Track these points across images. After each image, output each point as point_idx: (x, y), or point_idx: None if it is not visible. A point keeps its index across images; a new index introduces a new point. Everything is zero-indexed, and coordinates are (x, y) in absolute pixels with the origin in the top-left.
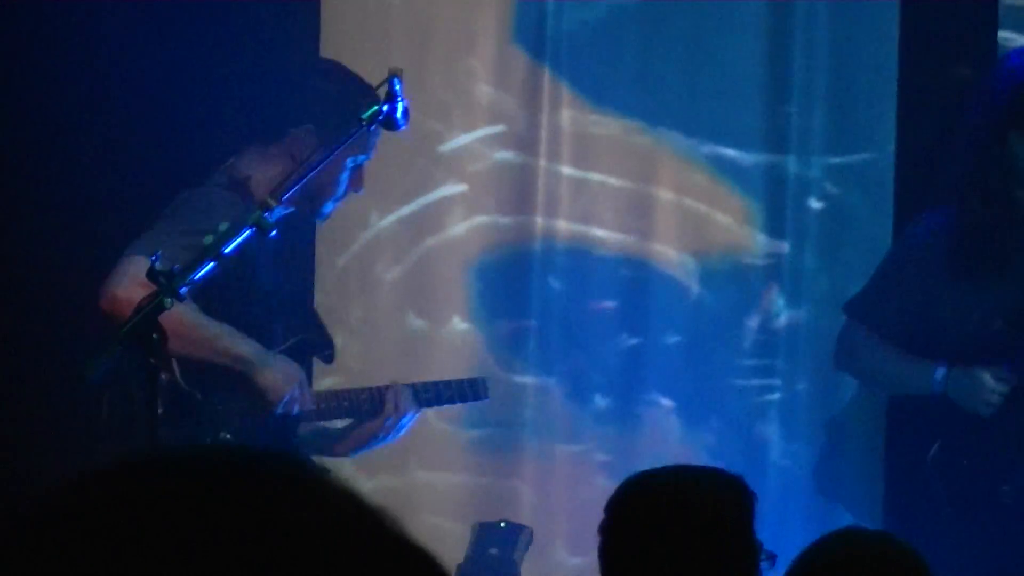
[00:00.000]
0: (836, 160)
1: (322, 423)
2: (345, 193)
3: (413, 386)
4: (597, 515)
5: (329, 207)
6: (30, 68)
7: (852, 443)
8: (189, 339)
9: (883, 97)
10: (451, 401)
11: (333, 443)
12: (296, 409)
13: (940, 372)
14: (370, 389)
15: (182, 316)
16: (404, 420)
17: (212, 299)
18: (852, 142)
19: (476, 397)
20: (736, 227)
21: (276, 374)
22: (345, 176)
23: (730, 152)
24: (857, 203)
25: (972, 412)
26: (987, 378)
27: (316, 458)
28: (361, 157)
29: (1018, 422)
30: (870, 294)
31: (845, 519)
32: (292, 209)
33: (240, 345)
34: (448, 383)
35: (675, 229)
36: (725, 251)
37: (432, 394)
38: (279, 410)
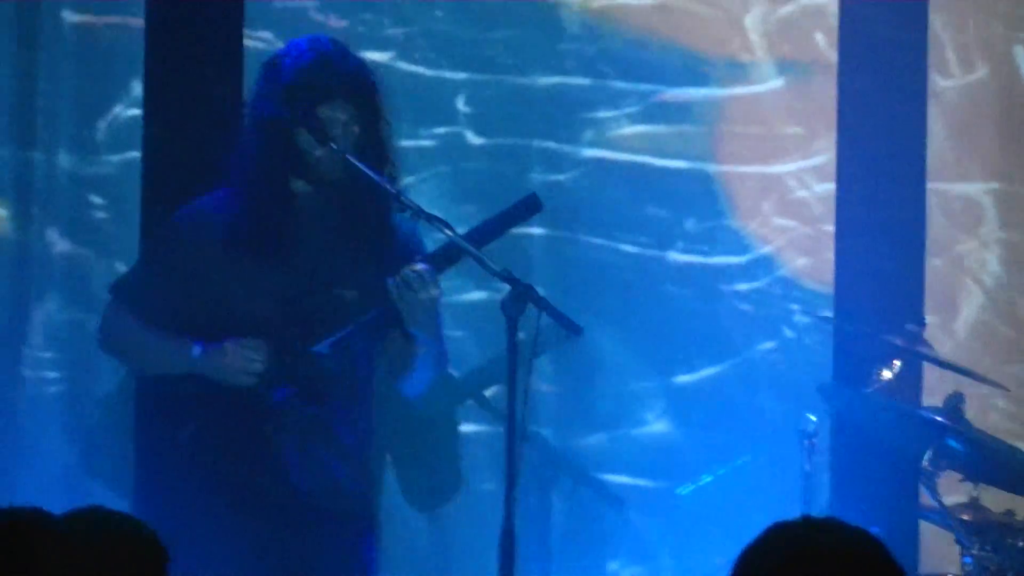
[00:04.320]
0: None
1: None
2: None
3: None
4: None
5: None
6: None
7: (109, 421)
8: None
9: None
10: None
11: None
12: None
13: (197, 349)
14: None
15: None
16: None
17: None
18: (103, 144)
19: None
20: None
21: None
22: None
23: None
24: (103, 203)
25: (233, 385)
26: (240, 349)
27: None
28: None
29: (277, 399)
30: (134, 275)
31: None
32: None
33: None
34: None
35: None
36: None
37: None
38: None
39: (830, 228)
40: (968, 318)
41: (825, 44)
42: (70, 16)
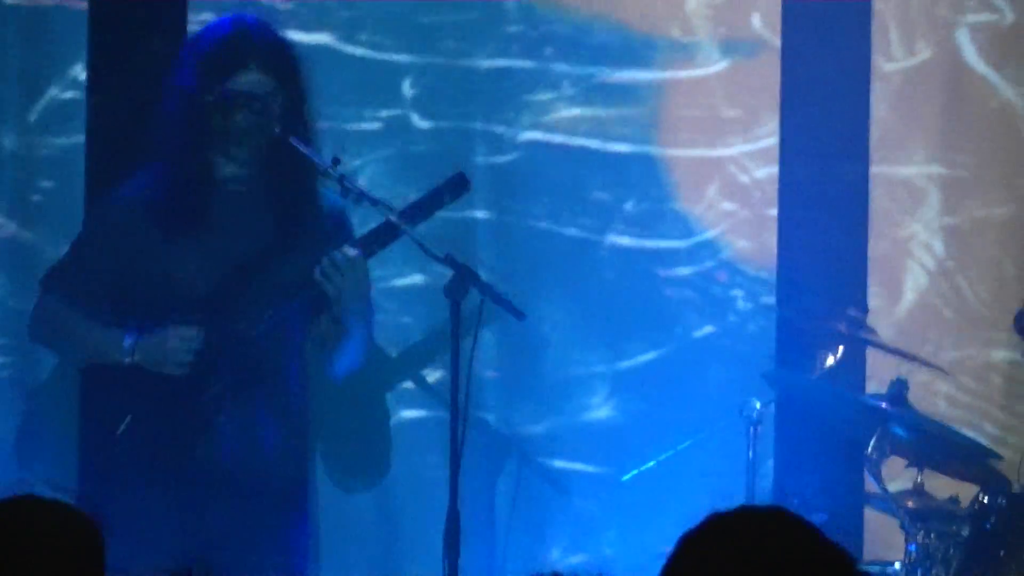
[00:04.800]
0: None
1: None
2: None
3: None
4: None
5: None
6: None
7: (50, 414)
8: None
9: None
10: None
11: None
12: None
13: (128, 340)
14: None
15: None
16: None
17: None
18: (46, 126)
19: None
20: None
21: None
22: None
23: None
24: (49, 186)
25: (167, 374)
26: (172, 337)
27: None
28: None
29: (213, 383)
30: (64, 265)
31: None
32: None
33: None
34: None
35: None
36: None
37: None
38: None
39: (774, 212)
40: (912, 302)
41: (769, 26)
42: None
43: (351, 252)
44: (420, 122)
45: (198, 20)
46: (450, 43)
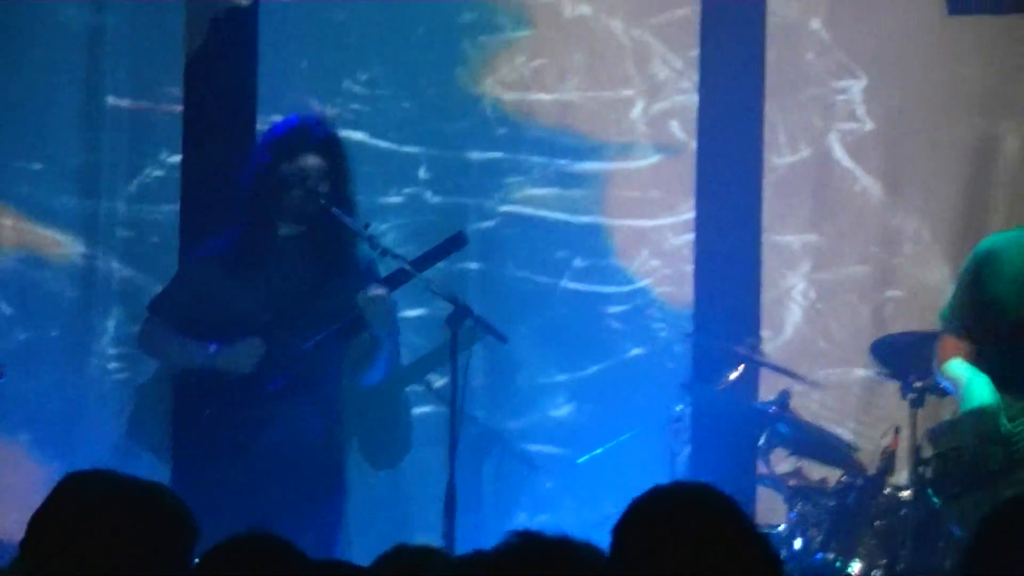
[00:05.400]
0: (135, 207)
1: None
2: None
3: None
4: None
5: None
6: None
7: (152, 406)
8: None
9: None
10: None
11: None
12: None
13: (212, 348)
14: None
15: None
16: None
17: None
18: (145, 196)
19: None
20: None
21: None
22: None
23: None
24: (153, 239)
25: (238, 372)
26: (243, 345)
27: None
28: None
29: (270, 385)
30: (164, 296)
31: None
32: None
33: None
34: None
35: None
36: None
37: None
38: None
39: (690, 268)
40: (793, 334)
41: (687, 131)
42: (117, 101)
43: (379, 290)
44: (431, 198)
45: (266, 120)
46: (453, 140)
